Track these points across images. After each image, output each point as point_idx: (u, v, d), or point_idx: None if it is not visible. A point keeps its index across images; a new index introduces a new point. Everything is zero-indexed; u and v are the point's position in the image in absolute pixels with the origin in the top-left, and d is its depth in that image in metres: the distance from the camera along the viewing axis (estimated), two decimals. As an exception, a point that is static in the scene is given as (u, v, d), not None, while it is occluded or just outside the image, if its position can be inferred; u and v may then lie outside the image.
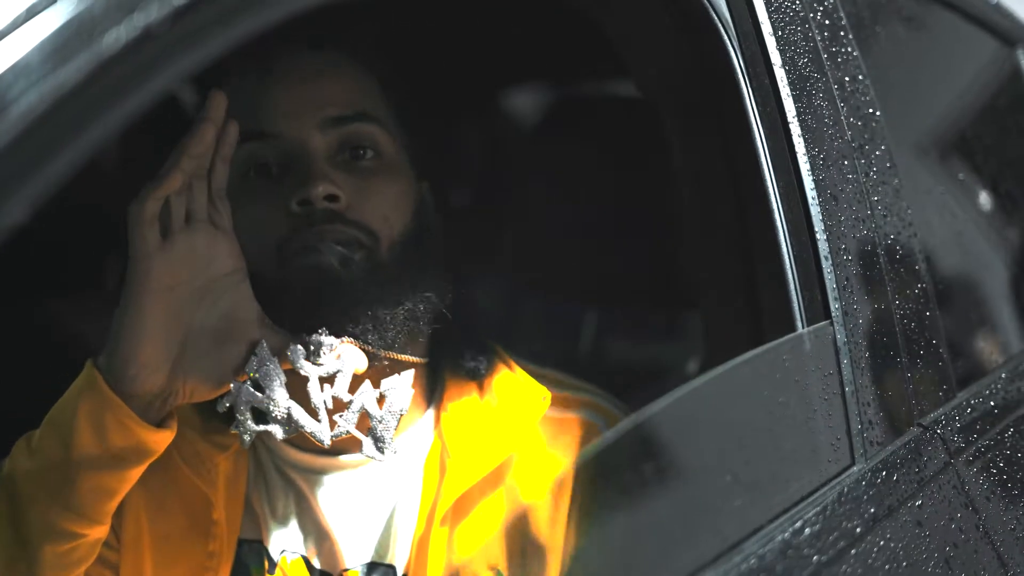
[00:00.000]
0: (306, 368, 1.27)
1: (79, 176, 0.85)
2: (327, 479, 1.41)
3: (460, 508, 1.36)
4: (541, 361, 1.51)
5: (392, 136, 1.40)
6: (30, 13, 0.81)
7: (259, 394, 1.25)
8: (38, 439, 1.25)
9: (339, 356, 1.27)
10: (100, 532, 1.27)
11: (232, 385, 1.25)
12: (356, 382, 1.27)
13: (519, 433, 1.39)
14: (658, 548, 1.23)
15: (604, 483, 1.33)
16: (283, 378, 1.26)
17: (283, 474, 1.42)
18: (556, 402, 1.43)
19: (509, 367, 1.45)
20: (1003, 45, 2.30)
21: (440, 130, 1.49)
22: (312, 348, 1.27)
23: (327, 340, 1.27)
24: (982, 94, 2.27)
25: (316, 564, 1.40)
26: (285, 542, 1.41)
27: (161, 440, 1.25)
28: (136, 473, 1.26)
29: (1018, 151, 2.30)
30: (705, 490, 1.25)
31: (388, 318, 1.31)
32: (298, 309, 1.28)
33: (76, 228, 2.34)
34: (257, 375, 1.25)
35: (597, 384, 1.53)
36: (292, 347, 1.26)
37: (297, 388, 1.26)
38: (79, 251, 2.44)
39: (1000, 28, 2.28)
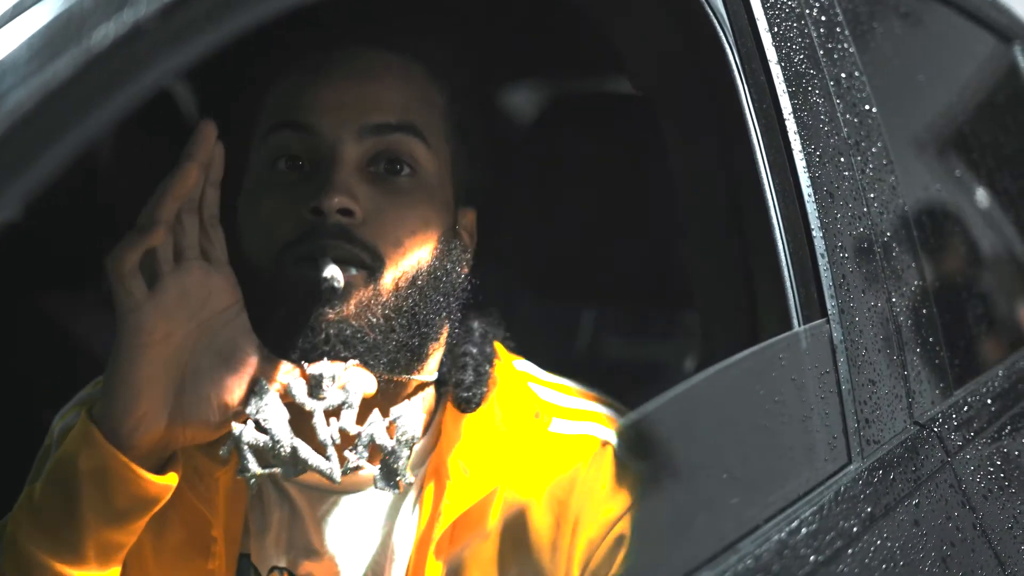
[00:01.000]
0: (310, 403, 1.20)
1: (70, 173, 0.85)
2: (326, 496, 1.35)
3: (458, 528, 1.32)
4: (544, 364, 1.47)
5: (438, 155, 1.32)
6: (17, 9, 0.81)
7: (262, 435, 1.19)
8: (40, 498, 1.20)
9: (343, 386, 1.21)
10: None
11: (233, 427, 1.19)
12: (364, 409, 1.21)
13: (519, 452, 1.34)
14: (654, 547, 1.22)
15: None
16: (286, 415, 1.20)
17: (280, 488, 1.36)
18: (564, 415, 1.38)
19: (516, 381, 1.40)
20: (1000, 41, 2.30)
21: (502, 155, 1.40)
22: (314, 381, 1.20)
23: (328, 371, 1.20)
24: (979, 91, 2.26)
25: None
26: (274, 559, 1.35)
27: (165, 489, 1.20)
28: (143, 523, 1.22)
29: (1015, 147, 2.30)
30: (701, 489, 1.25)
31: (379, 344, 1.25)
32: (288, 322, 1.23)
33: (71, 225, 2.33)
34: (258, 415, 1.19)
35: (599, 386, 1.49)
36: (294, 381, 1.21)
37: (302, 423, 1.20)
38: (74, 248, 2.43)
39: (997, 24, 2.28)
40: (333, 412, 1.21)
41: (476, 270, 1.37)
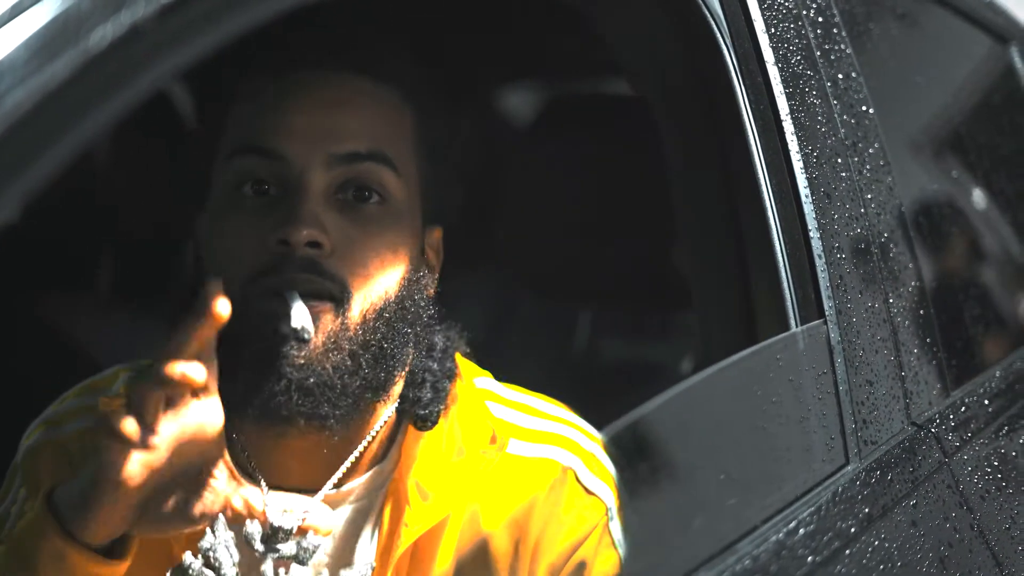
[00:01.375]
0: (262, 550, 1.21)
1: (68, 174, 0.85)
2: None
3: (417, 551, 1.29)
4: (526, 374, 1.44)
5: (407, 182, 1.29)
6: (16, 10, 0.81)
7: (209, 572, 1.19)
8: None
9: (300, 535, 1.20)
10: None
11: (184, 557, 1.19)
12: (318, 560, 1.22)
13: (478, 474, 1.31)
14: (651, 548, 1.22)
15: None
16: (236, 557, 1.20)
17: None
18: (523, 436, 1.35)
19: (474, 400, 1.36)
20: (996, 42, 2.30)
21: (470, 174, 1.38)
22: (271, 530, 1.20)
23: (288, 522, 1.20)
24: (975, 92, 2.27)
25: None
26: None
27: (122, 569, 1.18)
28: None
29: (1011, 148, 2.30)
30: (699, 490, 1.25)
31: (344, 387, 1.23)
32: (251, 366, 1.21)
33: (68, 225, 2.33)
34: (209, 551, 1.19)
35: (589, 391, 1.47)
36: (252, 525, 1.19)
37: (252, 565, 1.20)
38: (72, 248, 2.43)
39: (993, 25, 2.28)
40: (284, 563, 1.20)
41: (444, 285, 1.35)
